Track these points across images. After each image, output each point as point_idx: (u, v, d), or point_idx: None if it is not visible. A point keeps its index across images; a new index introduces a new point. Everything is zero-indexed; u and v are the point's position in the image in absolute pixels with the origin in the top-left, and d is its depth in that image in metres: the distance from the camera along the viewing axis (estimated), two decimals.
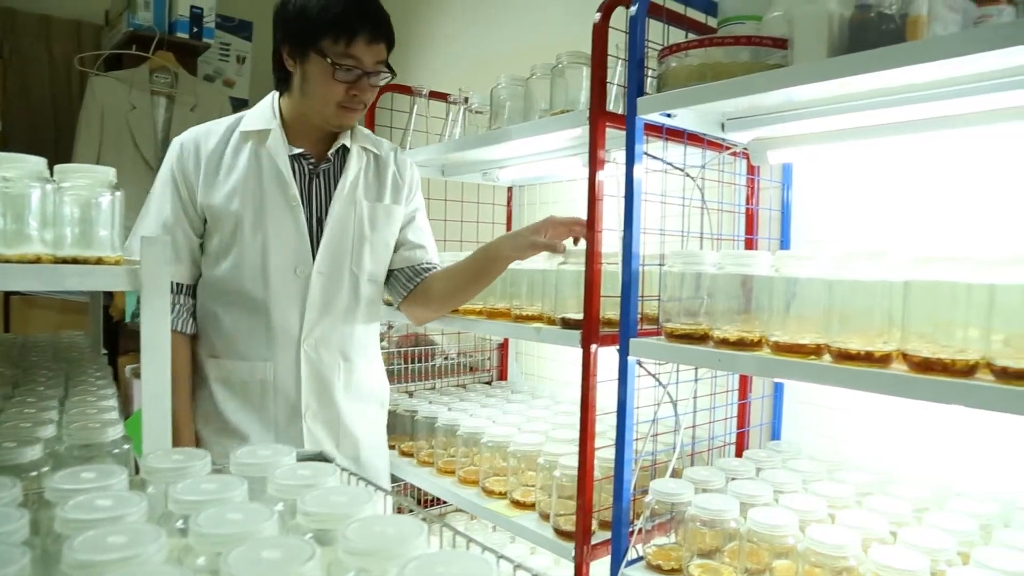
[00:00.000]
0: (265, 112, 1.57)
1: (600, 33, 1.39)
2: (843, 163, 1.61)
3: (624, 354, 1.37)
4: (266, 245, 1.52)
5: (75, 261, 0.99)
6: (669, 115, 1.37)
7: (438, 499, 2.08)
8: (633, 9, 1.36)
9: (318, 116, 1.52)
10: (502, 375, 2.61)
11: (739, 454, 1.72)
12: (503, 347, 2.61)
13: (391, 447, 2.10)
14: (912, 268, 1.05)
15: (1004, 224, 1.36)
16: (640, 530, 1.36)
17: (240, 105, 3.48)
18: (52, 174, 1.01)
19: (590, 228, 1.42)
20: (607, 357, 1.42)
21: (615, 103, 1.51)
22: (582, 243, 1.51)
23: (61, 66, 3.39)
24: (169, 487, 0.74)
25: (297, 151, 1.55)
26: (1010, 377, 0.93)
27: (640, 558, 1.36)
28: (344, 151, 1.60)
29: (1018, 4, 1.17)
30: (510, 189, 2.54)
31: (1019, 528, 1.14)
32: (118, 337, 3.14)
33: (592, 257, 1.41)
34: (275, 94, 1.59)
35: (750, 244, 1.72)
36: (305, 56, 1.46)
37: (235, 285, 1.53)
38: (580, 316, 1.45)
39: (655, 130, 1.41)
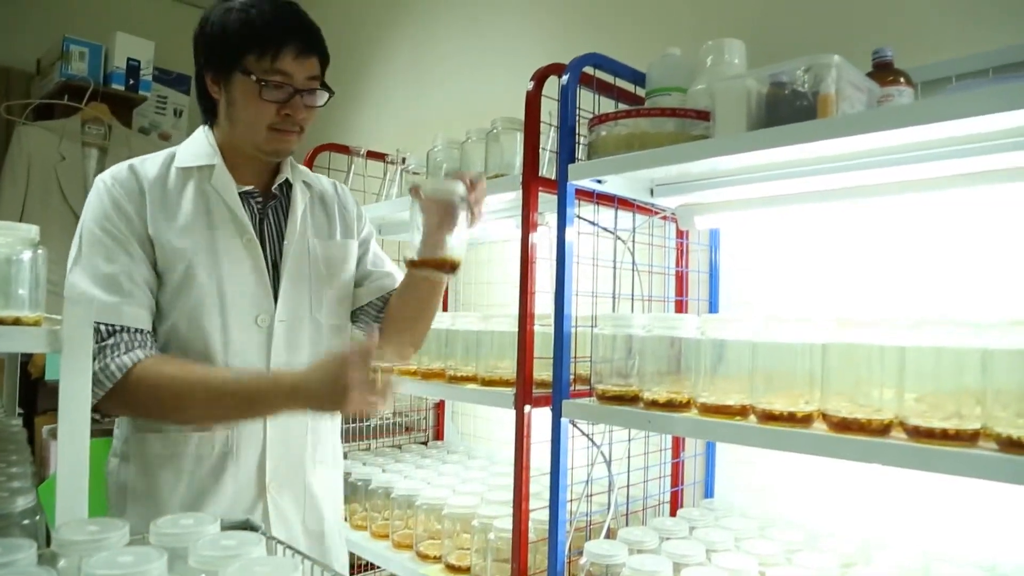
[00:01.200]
0: (201, 146, 1.38)
1: (533, 101, 1.44)
2: (767, 228, 1.68)
3: (557, 416, 1.38)
4: (223, 293, 1.32)
5: None
6: (600, 181, 1.41)
7: (372, 564, 2.03)
8: (565, 78, 1.41)
9: (249, 143, 1.34)
10: (438, 435, 2.58)
11: (673, 513, 1.73)
12: (439, 407, 2.59)
13: None
14: (829, 331, 1.10)
15: (914, 288, 1.44)
16: None
17: None
18: None
19: (523, 290, 1.44)
20: (541, 418, 1.43)
21: (548, 167, 1.55)
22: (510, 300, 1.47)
23: None
24: (83, 560, 0.71)
25: (244, 188, 1.38)
26: (921, 435, 0.98)
27: None
28: (288, 185, 1.44)
29: (916, 85, 1.27)
30: None
31: None
32: (36, 396, 3.00)
33: (525, 319, 1.43)
34: (205, 128, 1.42)
35: (680, 306, 1.77)
36: (229, 78, 1.30)
37: (186, 342, 1.31)
38: (514, 377, 1.46)
39: (586, 195, 1.45)
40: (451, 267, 1.29)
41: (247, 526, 0.95)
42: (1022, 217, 1.33)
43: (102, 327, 1.20)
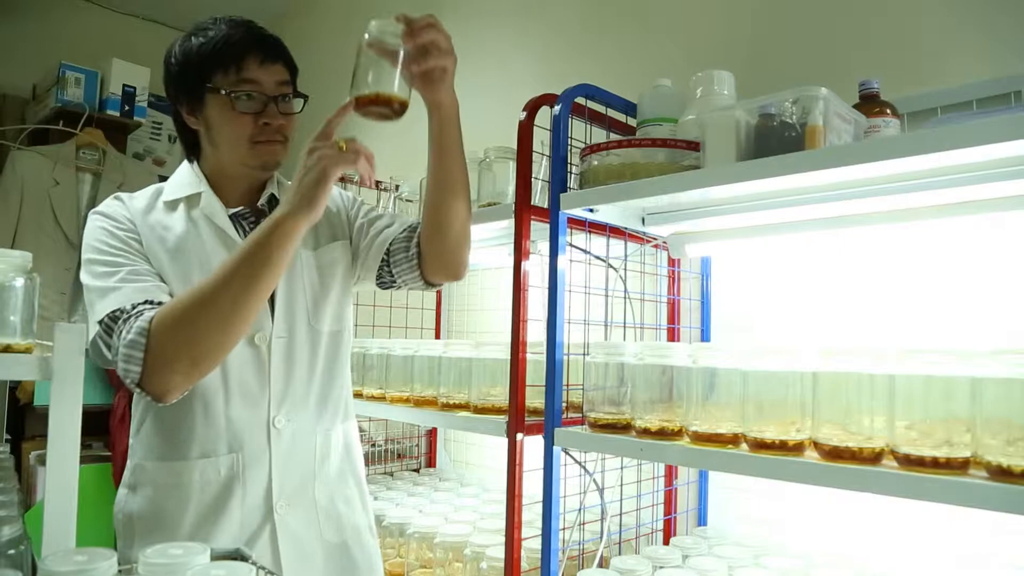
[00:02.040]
0: (186, 177, 1.39)
1: (525, 131, 1.46)
2: (758, 256, 1.70)
3: (549, 444, 1.38)
4: None
5: None
6: (591, 210, 1.43)
7: None
8: (557, 109, 1.43)
9: (236, 163, 1.34)
10: (431, 462, 2.57)
11: (667, 541, 1.72)
12: (432, 434, 2.58)
13: None
14: (819, 360, 1.11)
15: (902, 315, 1.45)
16: None
17: None
18: None
19: (516, 318, 1.44)
20: (533, 445, 1.42)
21: (540, 196, 1.56)
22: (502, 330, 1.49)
23: None
24: None
25: (234, 210, 1.38)
26: (912, 464, 0.98)
27: None
28: (274, 201, 1.42)
29: (902, 116, 1.29)
30: None
31: None
32: (24, 421, 2.97)
33: (518, 346, 1.43)
34: (186, 163, 1.42)
35: (672, 333, 1.77)
36: (201, 102, 1.31)
37: None
38: (506, 405, 1.46)
39: (579, 223, 1.47)
40: (390, 102, 1.17)
41: (237, 555, 0.94)
42: (1008, 246, 1.34)
43: (127, 305, 1.16)
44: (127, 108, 3.32)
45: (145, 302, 1.18)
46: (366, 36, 1.15)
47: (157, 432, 1.31)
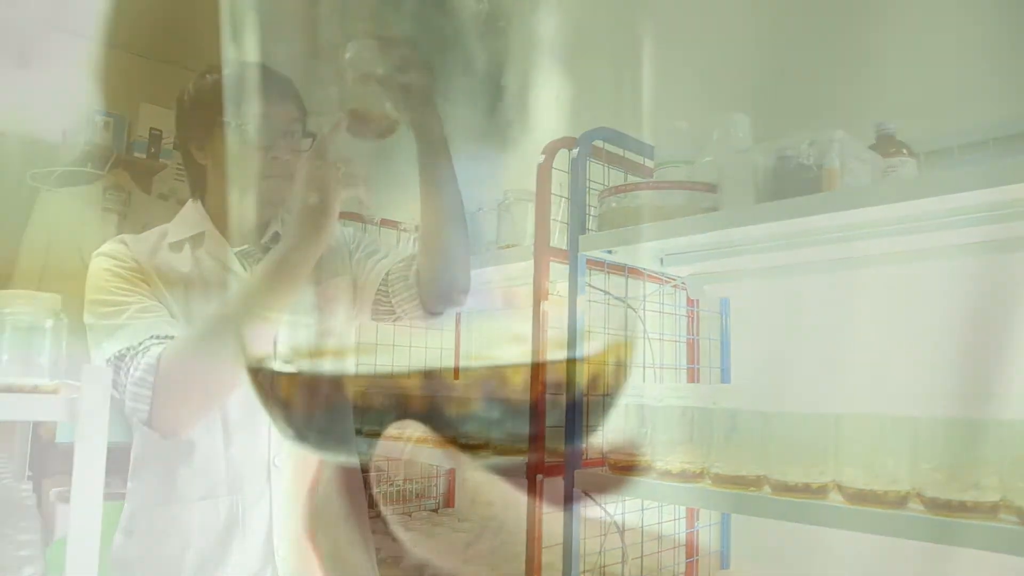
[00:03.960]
0: (190, 217, 1.38)
1: (544, 173, 1.48)
2: (777, 295, 1.69)
3: (570, 485, 1.37)
4: None
5: (8, 389, 0.96)
6: (610, 251, 1.44)
7: None
8: (575, 152, 1.45)
9: (243, 198, 1.34)
10: (449, 502, 2.55)
11: None
12: (450, 473, 2.57)
13: None
14: (842, 401, 1.10)
15: (924, 356, 1.44)
16: None
17: None
18: None
19: (535, 358, 1.44)
20: (553, 487, 1.41)
21: (559, 238, 1.57)
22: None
23: (11, 180, 3.39)
24: None
25: (238, 249, 1.36)
26: (939, 507, 0.97)
27: None
28: (278, 238, 1.39)
29: (918, 155, 1.29)
30: (458, 314, 2.57)
31: None
32: (46, 457, 2.99)
33: (537, 387, 1.43)
34: (191, 202, 1.41)
35: (692, 373, 1.76)
36: (211, 137, 1.32)
37: None
38: (527, 447, 1.45)
39: (597, 264, 1.47)
40: (381, 119, 1.19)
41: None
42: None
43: (135, 342, 1.15)
44: (153, 150, 3.39)
45: (151, 337, 1.16)
46: (347, 55, 1.16)
47: (155, 475, 1.29)
